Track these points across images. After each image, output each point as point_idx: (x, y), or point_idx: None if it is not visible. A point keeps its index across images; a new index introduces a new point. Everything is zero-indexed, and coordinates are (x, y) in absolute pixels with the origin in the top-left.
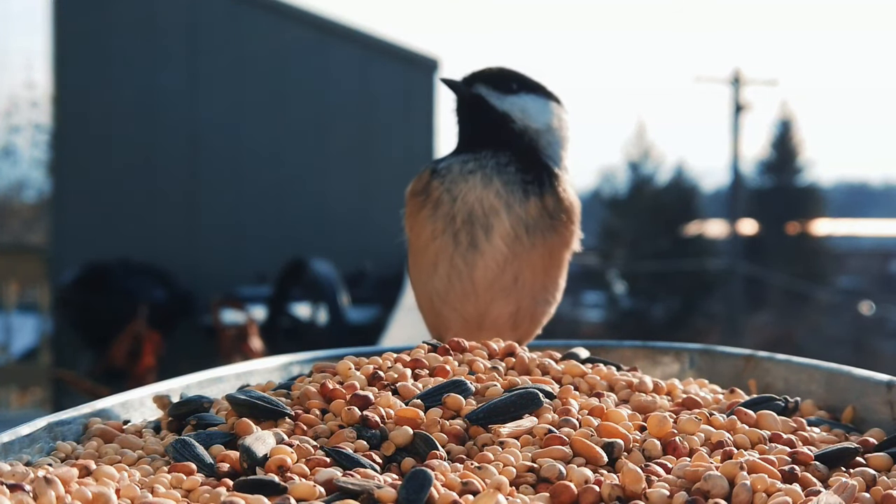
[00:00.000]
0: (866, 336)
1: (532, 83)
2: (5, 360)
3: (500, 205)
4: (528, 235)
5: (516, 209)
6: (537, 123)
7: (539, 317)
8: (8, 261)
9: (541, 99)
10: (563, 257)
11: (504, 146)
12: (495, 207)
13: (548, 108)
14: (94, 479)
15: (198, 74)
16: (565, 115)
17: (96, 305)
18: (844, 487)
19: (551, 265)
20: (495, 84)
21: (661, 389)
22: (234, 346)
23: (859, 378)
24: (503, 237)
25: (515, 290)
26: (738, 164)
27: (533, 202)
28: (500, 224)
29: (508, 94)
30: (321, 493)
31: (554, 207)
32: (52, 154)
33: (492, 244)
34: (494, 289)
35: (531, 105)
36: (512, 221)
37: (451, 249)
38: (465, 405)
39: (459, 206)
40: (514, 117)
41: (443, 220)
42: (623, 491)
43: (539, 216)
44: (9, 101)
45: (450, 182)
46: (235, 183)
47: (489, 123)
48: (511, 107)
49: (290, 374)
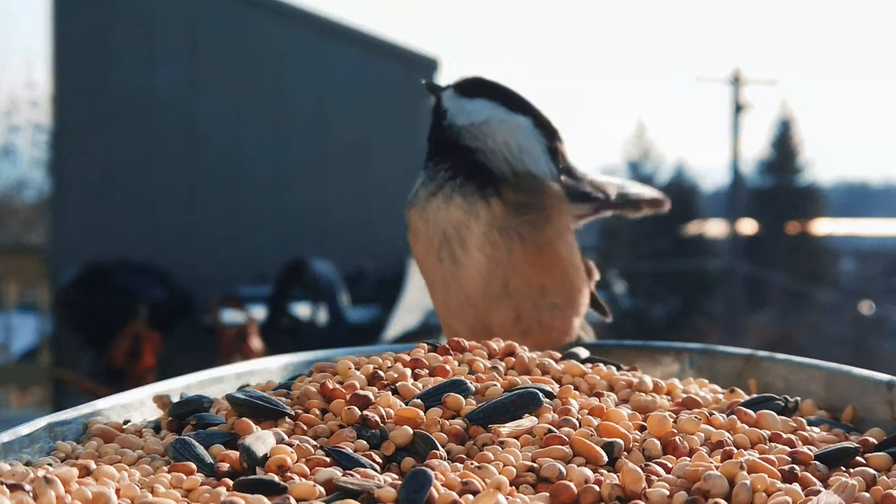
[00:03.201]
0: (866, 336)
1: (499, 90)
2: (5, 360)
3: (465, 217)
4: (502, 239)
5: (483, 216)
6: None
7: (550, 322)
8: (8, 261)
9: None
10: (556, 252)
11: (458, 154)
12: (462, 221)
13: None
14: (94, 478)
15: (198, 74)
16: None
17: (96, 305)
18: (844, 487)
19: (544, 264)
20: (460, 90)
21: (661, 389)
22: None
23: (859, 378)
24: (479, 247)
25: (508, 297)
26: (738, 164)
27: (494, 203)
28: (472, 235)
29: (465, 98)
30: (321, 492)
31: (515, 198)
32: (52, 154)
33: (470, 256)
34: (487, 298)
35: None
36: (482, 229)
37: (439, 268)
38: (465, 405)
39: (433, 230)
40: (460, 122)
41: (424, 244)
42: (623, 491)
43: (506, 214)
44: (9, 100)
45: (419, 210)
46: (235, 183)
47: (442, 129)
48: (460, 110)
49: (290, 374)
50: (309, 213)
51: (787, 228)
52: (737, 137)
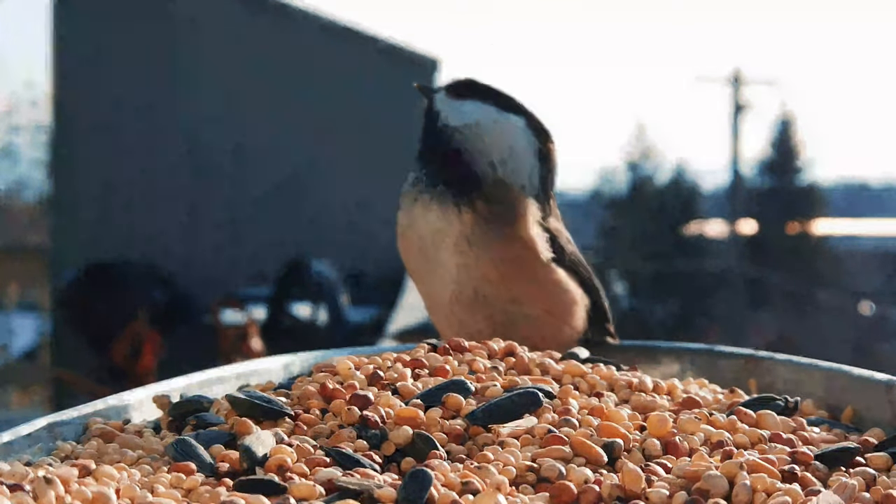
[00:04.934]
0: (866, 336)
1: (491, 92)
2: (5, 360)
3: (441, 224)
4: (471, 248)
5: (455, 225)
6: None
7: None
8: (8, 261)
9: (489, 107)
10: (525, 262)
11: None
12: (439, 228)
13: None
14: (94, 478)
15: (198, 74)
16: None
17: (96, 305)
18: (844, 487)
19: (515, 276)
20: (453, 91)
21: (661, 389)
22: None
23: (859, 378)
24: (451, 255)
25: (480, 304)
26: (737, 164)
27: (465, 213)
28: (445, 243)
29: (457, 100)
30: (321, 492)
31: (487, 208)
32: (52, 154)
33: (442, 264)
34: (462, 304)
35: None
36: (454, 238)
37: (420, 270)
38: (465, 405)
39: (414, 235)
40: (451, 123)
41: (406, 247)
42: (623, 491)
43: (476, 223)
44: (9, 101)
45: (404, 213)
46: (235, 183)
47: (434, 131)
48: (451, 112)
49: (290, 374)
50: (309, 213)
51: (788, 228)
52: (737, 137)
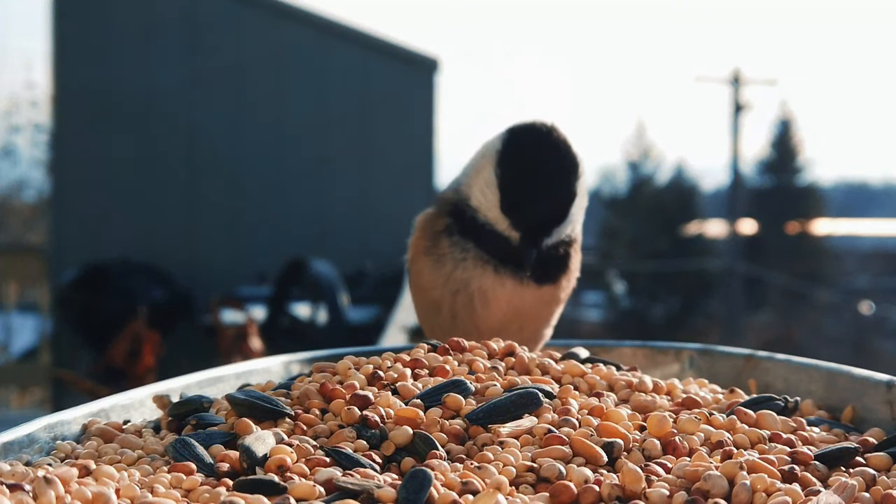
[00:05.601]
0: (866, 336)
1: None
2: (5, 360)
3: (497, 285)
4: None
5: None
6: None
7: (541, 338)
8: (8, 261)
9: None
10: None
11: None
12: (494, 287)
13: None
14: (94, 478)
15: (197, 74)
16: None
17: (96, 305)
18: (844, 487)
19: (553, 307)
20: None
21: (661, 389)
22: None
23: (859, 378)
24: (499, 308)
25: (517, 333)
26: (737, 164)
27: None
28: (497, 300)
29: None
30: (321, 492)
31: (550, 295)
32: (52, 154)
33: (488, 311)
34: (499, 332)
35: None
36: (507, 298)
37: (451, 301)
38: (464, 405)
39: (460, 275)
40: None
41: (443, 277)
42: (623, 491)
43: (533, 301)
44: (9, 101)
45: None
46: (235, 183)
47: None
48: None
49: (290, 374)
50: (309, 213)
51: (787, 228)
52: (737, 137)
